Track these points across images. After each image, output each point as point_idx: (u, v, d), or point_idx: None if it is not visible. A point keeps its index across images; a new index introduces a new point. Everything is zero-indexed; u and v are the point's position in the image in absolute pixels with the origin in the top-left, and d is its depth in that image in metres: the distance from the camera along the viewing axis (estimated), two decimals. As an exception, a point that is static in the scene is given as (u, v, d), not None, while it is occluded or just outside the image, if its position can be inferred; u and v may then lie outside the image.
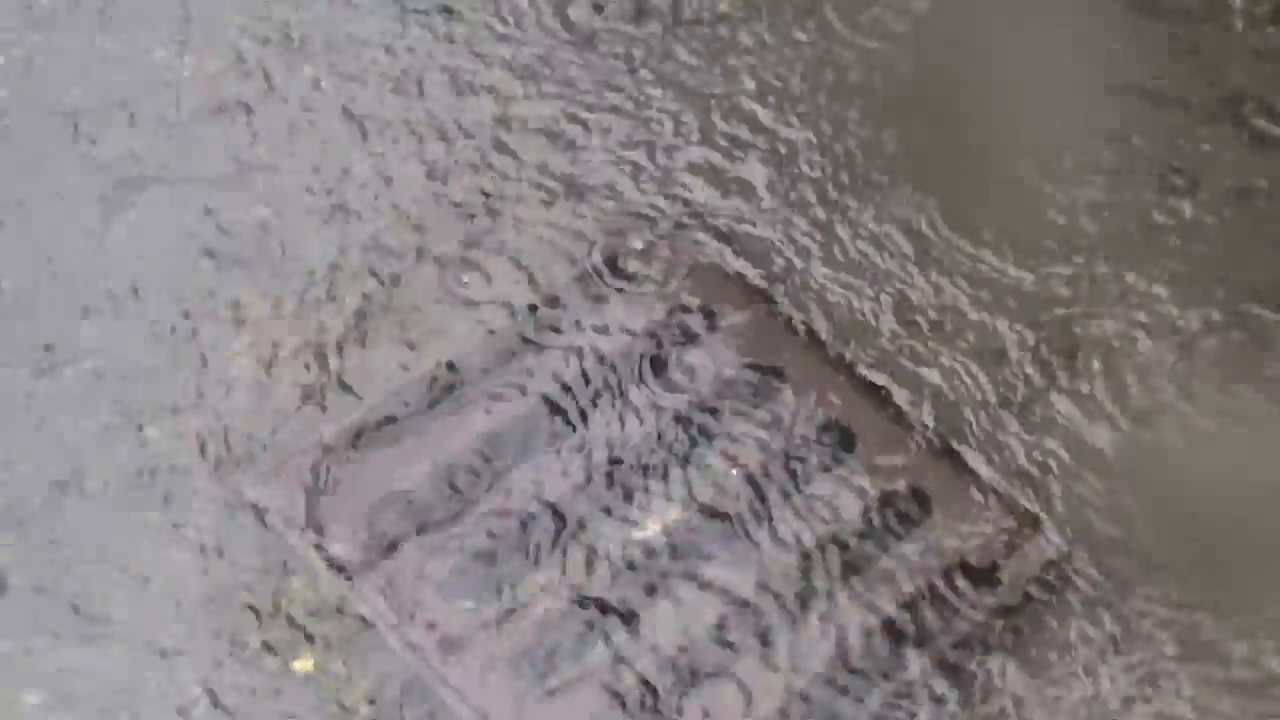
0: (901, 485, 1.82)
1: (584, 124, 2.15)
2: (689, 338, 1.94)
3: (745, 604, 1.72)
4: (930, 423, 1.88)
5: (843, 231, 2.04)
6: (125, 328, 1.96)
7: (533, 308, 1.97)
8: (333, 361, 1.94)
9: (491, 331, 1.95)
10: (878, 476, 1.82)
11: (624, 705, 1.62)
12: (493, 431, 1.85)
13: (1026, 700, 1.66)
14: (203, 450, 1.86)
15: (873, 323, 1.98)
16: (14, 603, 1.71)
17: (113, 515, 1.79)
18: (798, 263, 2.01)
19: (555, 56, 2.23)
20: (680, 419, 1.87)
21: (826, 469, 1.83)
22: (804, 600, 1.72)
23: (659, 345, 1.93)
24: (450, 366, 1.92)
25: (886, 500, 1.80)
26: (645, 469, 1.83)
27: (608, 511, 1.79)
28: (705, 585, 1.73)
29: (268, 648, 1.67)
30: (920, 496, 1.82)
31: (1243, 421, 1.87)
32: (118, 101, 2.19)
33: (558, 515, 1.79)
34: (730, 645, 1.67)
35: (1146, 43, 2.29)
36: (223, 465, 1.84)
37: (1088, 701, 1.66)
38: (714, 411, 1.88)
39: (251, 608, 1.71)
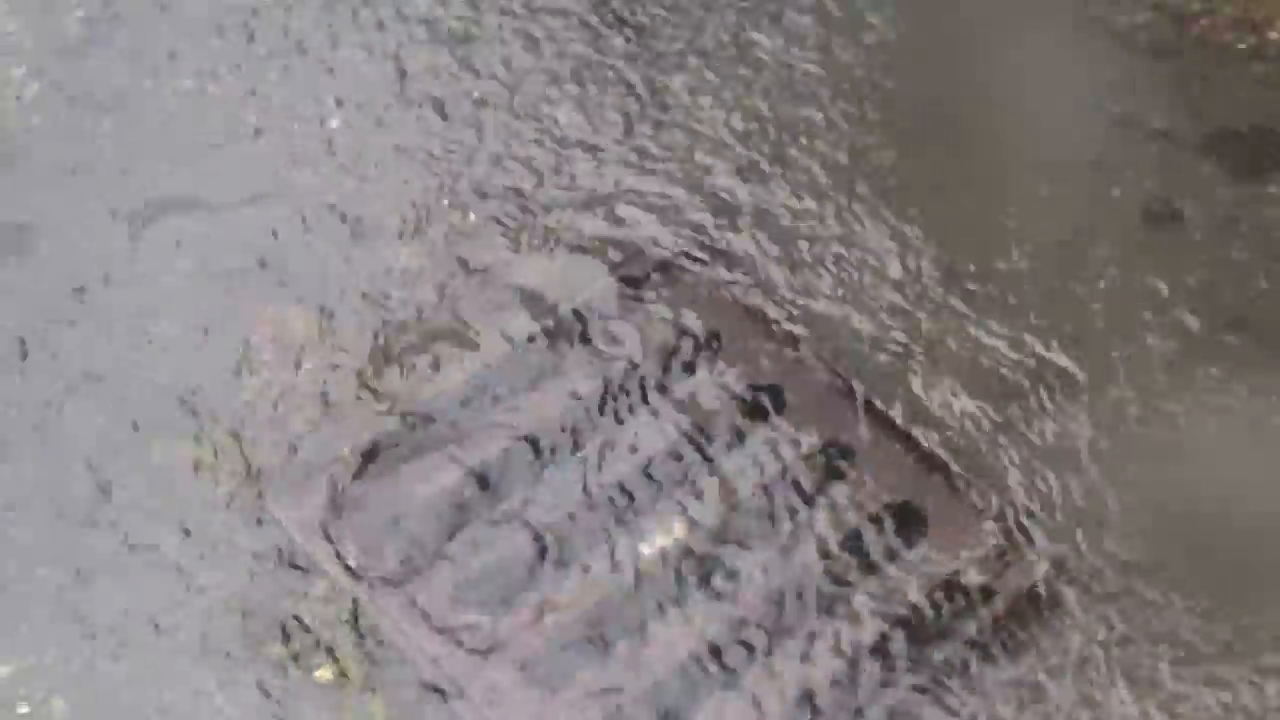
0: (898, 503, 1.82)
1: (592, 151, 2.16)
2: (695, 360, 1.95)
3: (748, 617, 1.72)
4: (926, 441, 1.88)
5: (843, 257, 2.05)
6: (152, 345, 1.97)
7: (550, 330, 1.98)
8: (356, 377, 1.95)
9: (512, 351, 1.97)
10: (875, 494, 1.82)
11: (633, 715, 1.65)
12: (510, 447, 1.86)
13: (1022, 707, 1.67)
14: (228, 465, 1.86)
15: (872, 346, 1.99)
16: (44, 613, 1.72)
17: (139, 528, 1.80)
18: (800, 288, 2.02)
19: (560, 87, 2.25)
20: (687, 437, 1.87)
21: (825, 486, 1.84)
22: (803, 614, 1.73)
23: (667, 367, 1.94)
24: (470, 384, 1.93)
25: (883, 517, 1.80)
26: (653, 487, 1.83)
27: (616, 527, 1.80)
28: (710, 599, 1.73)
29: (290, 658, 1.69)
30: (916, 513, 1.82)
31: (1225, 437, 1.88)
32: (147, 128, 2.20)
33: (570, 529, 1.80)
34: (735, 657, 1.68)
35: (1133, 76, 2.28)
36: (247, 480, 1.84)
37: (1084, 707, 1.66)
38: (721, 430, 1.88)
39: (274, 619, 1.72)
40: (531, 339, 1.97)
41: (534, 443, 1.86)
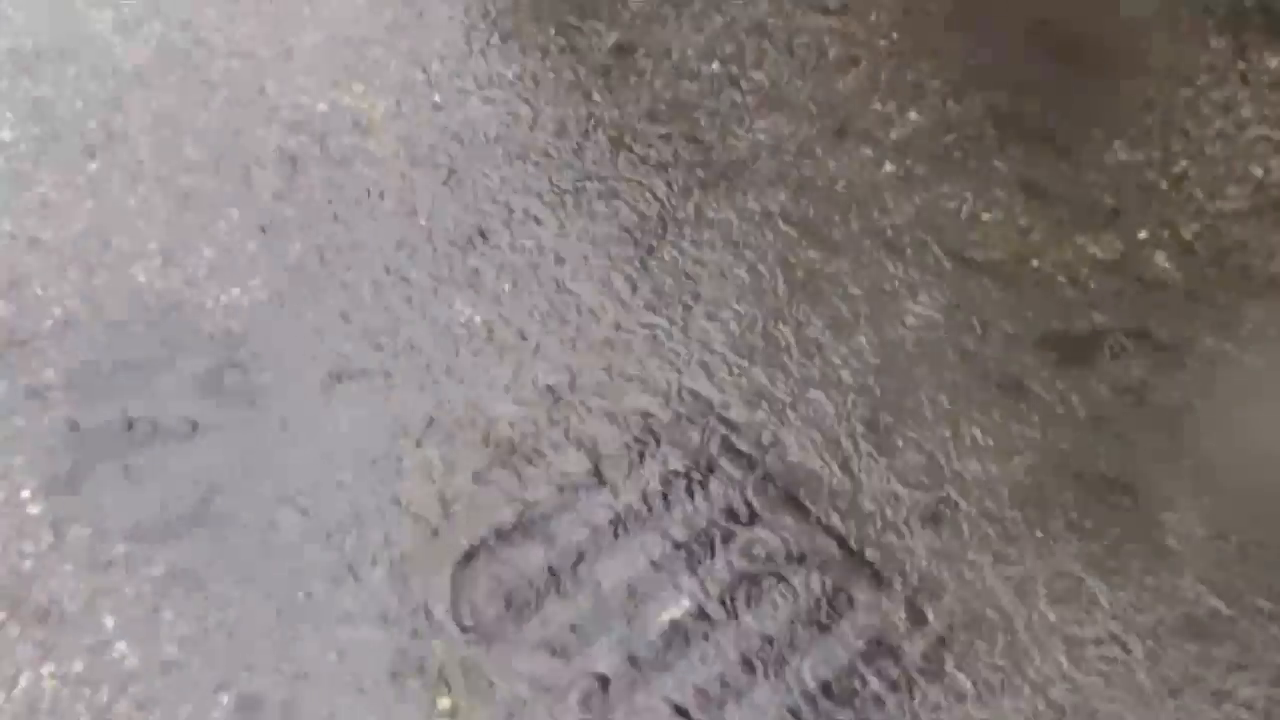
0: (835, 583, 2.09)
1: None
2: (698, 481, 2.20)
3: (716, 622, 2.01)
4: (854, 540, 2.13)
5: (789, 416, 2.31)
6: (338, 465, 2.19)
7: (597, 472, 2.22)
8: (477, 484, 2.15)
9: (586, 460, 2.22)
10: (805, 566, 2.08)
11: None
12: (586, 535, 2.09)
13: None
14: (388, 551, 2.07)
15: (817, 468, 2.24)
16: (259, 649, 1.93)
17: (327, 587, 2.01)
18: (769, 427, 2.28)
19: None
20: (693, 532, 2.12)
21: (778, 559, 2.10)
22: (745, 604, 2.02)
23: (679, 486, 2.19)
24: (560, 490, 2.17)
25: (828, 591, 2.08)
26: (665, 569, 2.08)
27: (644, 598, 2.04)
28: (699, 638, 2.00)
29: (421, 690, 1.91)
30: (848, 594, 2.09)
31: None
32: (338, 316, 2.42)
33: (615, 600, 2.03)
34: (709, 660, 1.97)
35: (956, 283, 2.54)
36: (398, 560, 2.05)
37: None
38: (714, 529, 2.13)
39: (410, 661, 1.94)
40: (593, 463, 2.20)
41: (602, 535, 2.08)
